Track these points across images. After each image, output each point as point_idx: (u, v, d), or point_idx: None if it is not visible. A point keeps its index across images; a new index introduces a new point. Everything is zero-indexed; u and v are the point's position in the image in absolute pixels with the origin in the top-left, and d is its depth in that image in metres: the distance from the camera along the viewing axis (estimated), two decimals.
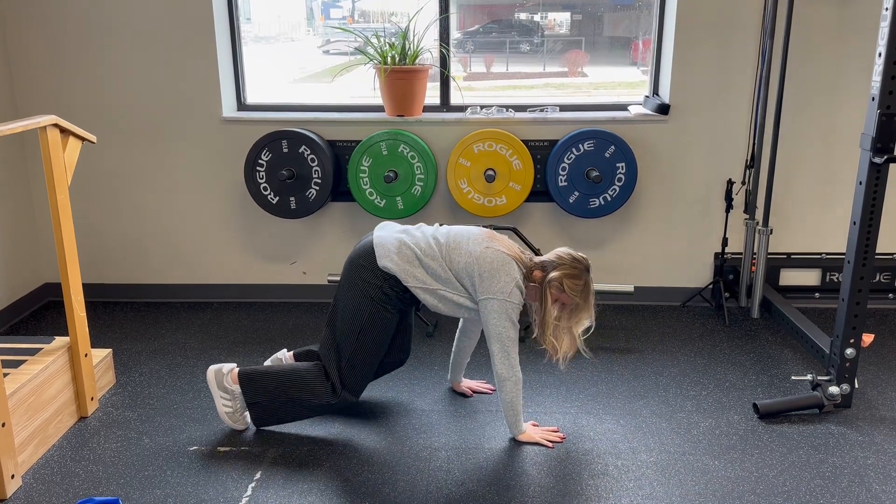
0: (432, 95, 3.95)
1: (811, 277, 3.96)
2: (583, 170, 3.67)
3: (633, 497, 2.39)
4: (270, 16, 4.53)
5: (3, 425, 2.35)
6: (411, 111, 3.79)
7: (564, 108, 3.88)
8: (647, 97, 3.91)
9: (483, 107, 3.87)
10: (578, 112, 3.86)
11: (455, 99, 3.97)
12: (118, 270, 4.08)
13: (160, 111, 3.85)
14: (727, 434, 2.75)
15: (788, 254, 3.93)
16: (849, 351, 2.80)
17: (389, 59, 3.71)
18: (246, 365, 3.25)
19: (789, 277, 3.96)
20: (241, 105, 4.00)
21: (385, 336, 2.69)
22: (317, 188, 3.71)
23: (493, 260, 2.57)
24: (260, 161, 3.70)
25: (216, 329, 3.73)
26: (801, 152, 3.78)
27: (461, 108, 3.92)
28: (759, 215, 3.75)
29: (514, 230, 3.58)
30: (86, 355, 2.86)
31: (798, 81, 3.67)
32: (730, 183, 3.69)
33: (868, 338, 2.93)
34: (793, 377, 3.09)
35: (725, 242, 3.77)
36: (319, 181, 3.70)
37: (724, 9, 3.60)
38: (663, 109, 3.73)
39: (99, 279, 4.06)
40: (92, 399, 2.91)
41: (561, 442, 2.69)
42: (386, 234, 2.69)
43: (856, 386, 2.89)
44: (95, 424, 2.84)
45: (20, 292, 3.91)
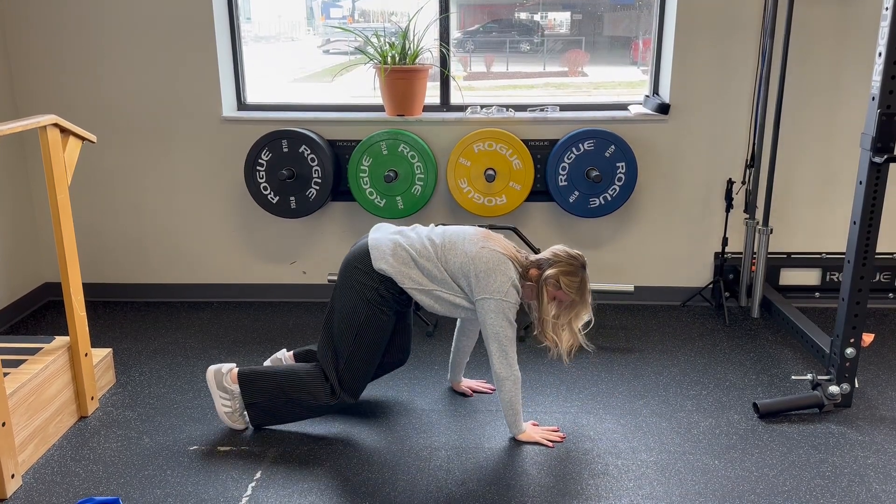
0: (432, 95, 3.95)
1: (811, 277, 3.96)
2: (583, 169, 3.67)
3: (634, 496, 2.39)
4: (270, 15, 4.53)
5: (4, 425, 2.35)
6: (411, 111, 3.79)
7: (564, 108, 3.88)
8: (648, 97, 3.91)
9: (483, 106, 3.87)
10: (578, 112, 3.85)
11: (455, 98, 3.97)
12: (118, 270, 4.08)
13: (160, 111, 3.85)
14: (727, 433, 2.75)
15: (788, 253, 3.93)
16: (849, 350, 2.80)
17: (389, 59, 3.71)
18: (246, 364, 3.26)
19: (789, 277, 3.96)
20: (242, 105, 4.00)
21: (382, 337, 2.69)
22: (317, 188, 3.71)
23: (489, 260, 2.57)
24: (260, 161, 3.70)
25: (216, 329, 3.73)
26: (802, 152, 3.78)
27: (461, 108, 3.92)
28: (760, 215, 3.74)
29: (514, 230, 3.58)
30: (86, 355, 2.87)
31: (798, 81, 3.67)
32: (730, 182, 3.69)
33: (868, 337, 2.93)
34: (793, 377, 3.09)
35: (725, 242, 3.77)
36: (319, 181, 3.70)
37: (725, 9, 3.60)
38: (663, 109, 3.73)
39: (99, 279, 4.06)
40: (92, 398, 2.91)
41: (561, 441, 2.70)
42: (381, 236, 2.69)
43: (856, 385, 2.89)
44: (95, 424, 2.84)
45: (20, 292, 3.91)
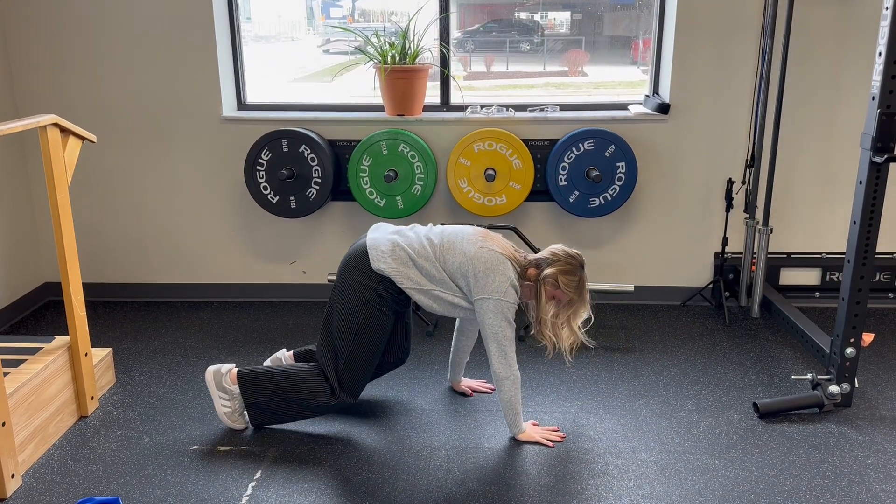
0: (432, 95, 3.95)
1: (811, 277, 3.96)
2: (583, 169, 3.67)
3: (634, 496, 2.39)
4: (270, 15, 4.53)
5: (3, 424, 2.35)
6: (411, 110, 3.79)
7: (564, 108, 3.88)
8: (648, 96, 3.91)
9: (483, 106, 3.87)
10: (578, 111, 3.85)
11: (455, 98, 3.97)
12: (118, 270, 4.08)
13: (160, 110, 3.85)
14: (727, 433, 2.75)
15: (788, 253, 3.93)
16: (849, 350, 2.80)
17: (389, 59, 3.71)
18: (245, 364, 3.26)
19: (789, 277, 3.96)
20: (242, 104, 4.00)
21: (381, 337, 2.69)
22: (317, 187, 3.71)
23: (488, 260, 2.57)
24: (260, 160, 3.70)
25: (216, 328, 3.73)
26: (802, 152, 3.78)
27: (461, 108, 3.92)
28: (760, 214, 3.74)
29: (514, 230, 3.58)
30: (86, 354, 2.86)
31: (798, 81, 3.67)
32: (730, 182, 3.69)
33: (868, 337, 2.93)
34: (793, 376, 3.09)
35: (725, 242, 3.77)
36: (319, 180, 3.70)
37: (725, 8, 3.60)
38: (663, 109, 3.73)
39: (99, 278, 4.06)
40: (92, 398, 2.91)
41: (561, 441, 2.69)
42: (379, 236, 2.69)
43: (856, 385, 2.89)
44: (95, 424, 2.84)
45: (20, 291, 3.91)
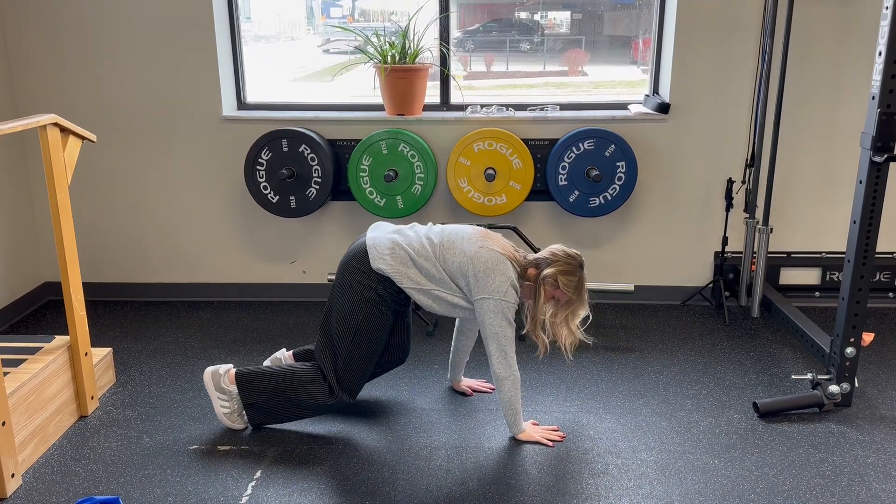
0: (432, 94, 3.95)
1: (811, 276, 3.96)
2: (583, 169, 3.67)
3: (634, 496, 2.39)
4: (270, 15, 4.53)
5: (3, 424, 2.35)
6: (411, 110, 3.79)
7: (564, 107, 3.88)
8: (648, 96, 3.91)
9: (483, 106, 3.87)
10: (578, 111, 3.85)
11: (455, 98, 3.97)
12: (118, 269, 4.08)
13: (160, 110, 3.85)
14: (727, 433, 2.75)
15: (788, 253, 3.93)
16: (849, 350, 2.80)
17: (389, 58, 3.71)
18: (245, 364, 3.26)
19: (789, 276, 3.96)
20: (242, 104, 4.00)
21: (380, 337, 2.69)
22: (317, 187, 3.71)
23: (488, 259, 2.57)
24: (260, 160, 3.70)
25: (216, 328, 3.73)
26: (802, 151, 3.78)
27: (461, 107, 3.92)
28: (760, 214, 3.74)
29: (514, 229, 3.58)
30: (86, 354, 2.86)
31: (798, 80, 3.67)
32: (730, 182, 3.69)
33: (868, 337, 2.93)
34: (793, 376, 3.09)
35: (725, 241, 3.77)
36: (319, 180, 3.70)
37: (725, 8, 3.60)
38: (663, 108, 3.73)
39: (99, 278, 4.06)
40: (92, 398, 2.91)
41: (561, 441, 2.69)
42: (379, 235, 2.68)
43: (856, 385, 2.89)
44: (95, 423, 2.84)
45: (20, 291, 3.91)
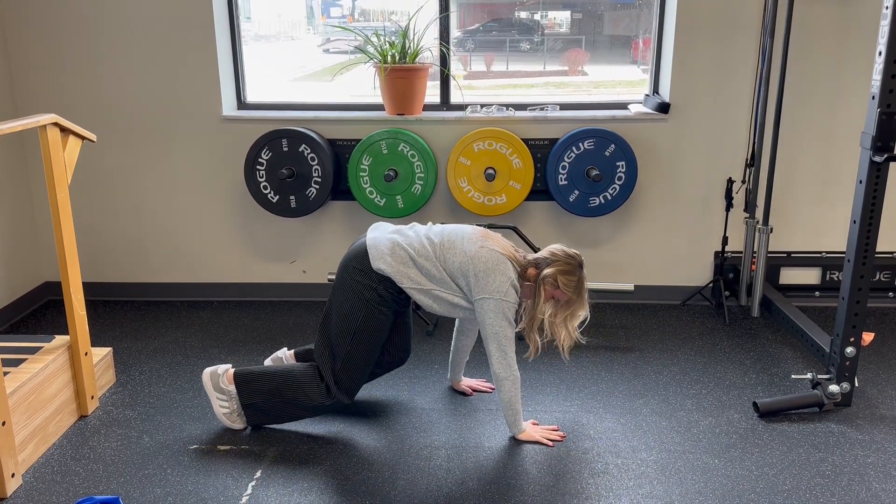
0: (432, 94, 3.95)
1: (811, 276, 3.96)
2: (583, 168, 3.67)
3: (634, 496, 2.39)
4: (270, 14, 4.53)
5: (4, 424, 2.35)
6: (411, 110, 3.79)
7: (564, 107, 3.88)
8: (648, 96, 3.91)
9: (483, 105, 3.87)
10: (578, 111, 3.85)
11: (455, 98, 3.97)
12: (118, 269, 4.08)
13: (160, 110, 3.85)
14: (727, 433, 2.75)
15: (788, 252, 3.93)
16: (849, 349, 2.80)
17: (389, 58, 3.71)
18: (245, 364, 3.26)
19: (789, 276, 3.96)
20: (242, 104, 4.00)
21: (380, 337, 2.69)
22: (317, 187, 3.71)
23: (488, 259, 2.57)
24: (260, 160, 3.70)
25: (216, 328, 3.73)
26: (802, 151, 3.78)
27: (461, 107, 3.92)
28: (760, 214, 3.74)
29: (514, 229, 3.58)
30: (86, 354, 2.87)
31: (798, 80, 3.67)
32: (730, 181, 3.69)
33: (868, 336, 2.93)
34: (793, 376, 3.09)
35: (725, 241, 3.77)
36: (319, 180, 3.70)
37: (725, 8, 3.60)
38: (663, 108, 3.73)
39: (99, 278, 4.06)
40: (92, 398, 2.91)
41: (561, 440, 2.69)
42: (379, 236, 2.68)
43: (856, 384, 2.89)
44: (95, 423, 2.84)
45: (20, 291, 3.91)
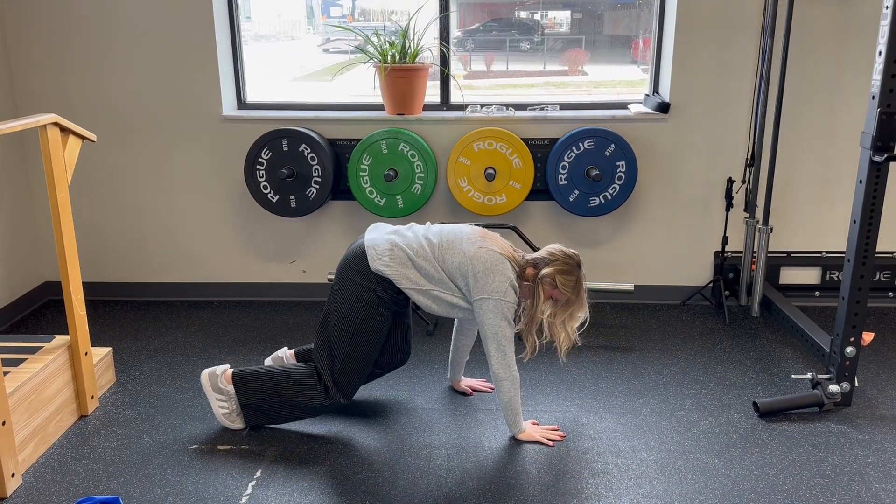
0: (432, 94, 3.95)
1: (811, 276, 3.96)
2: (583, 168, 3.67)
3: (634, 495, 2.39)
4: (270, 14, 4.53)
5: (4, 424, 2.35)
6: (411, 110, 3.79)
7: (564, 107, 3.88)
8: (648, 96, 3.91)
9: (483, 105, 3.87)
10: (578, 111, 3.85)
11: (455, 97, 3.97)
12: (118, 269, 4.08)
13: (160, 110, 3.85)
14: (727, 432, 2.75)
15: (788, 252, 3.93)
16: (849, 349, 2.80)
17: (389, 58, 3.71)
18: (244, 364, 3.26)
19: (789, 276, 3.96)
20: (242, 104, 4.00)
21: (378, 338, 2.68)
22: (317, 187, 3.71)
23: (487, 260, 2.57)
24: (260, 160, 3.70)
25: (216, 328, 3.73)
26: (802, 151, 3.78)
27: (461, 107, 3.92)
28: (760, 214, 3.74)
29: (514, 229, 3.58)
30: (86, 354, 2.87)
31: (798, 80, 3.67)
32: (730, 181, 3.69)
33: (868, 336, 2.93)
34: (793, 375, 3.09)
35: (725, 241, 3.77)
36: (319, 180, 3.70)
37: (725, 8, 3.60)
38: (663, 108, 3.73)
39: (99, 278, 4.06)
40: (92, 397, 2.91)
41: (561, 440, 2.69)
42: (377, 237, 2.67)
43: (856, 384, 2.89)
44: (95, 423, 2.84)
45: (20, 291, 3.91)
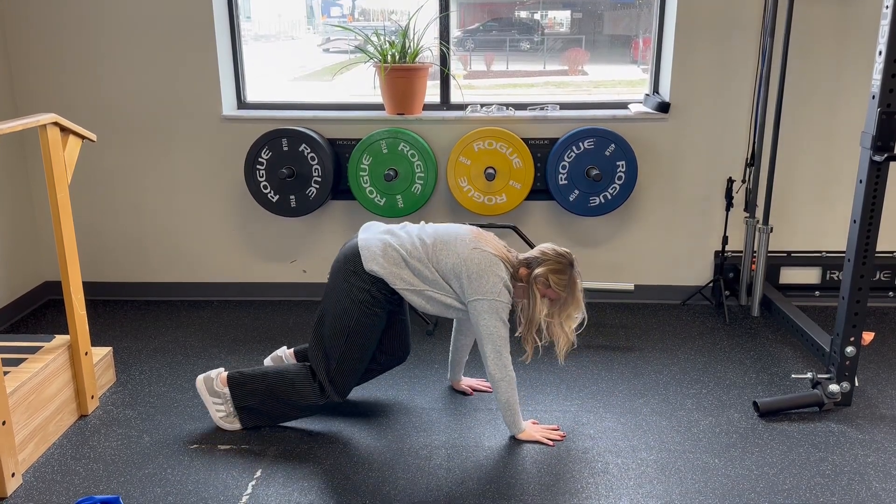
0: (432, 94, 3.95)
1: (811, 275, 3.96)
2: (583, 168, 3.67)
3: (634, 495, 2.39)
4: (270, 14, 4.53)
5: (4, 423, 2.35)
6: (411, 109, 3.79)
7: (564, 107, 3.88)
8: (648, 95, 3.91)
9: (483, 105, 3.87)
10: (578, 110, 3.85)
11: (455, 97, 3.97)
12: (118, 269, 4.08)
13: (160, 110, 3.85)
14: (727, 432, 2.75)
15: (788, 252, 3.92)
16: (849, 349, 2.80)
17: (389, 58, 3.71)
18: (243, 364, 3.26)
19: (789, 275, 3.96)
20: (242, 103, 4.00)
21: (373, 338, 2.69)
22: (317, 186, 3.71)
23: (481, 261, 2.57)
24: (260, 159, 3.70)
25: (216, 327, 3.73)
26: (802, 150, 3.78)
27: (461, 107, 3.92)
28: (760, 213, 3.74)
29: (514, 228, 3.58)
30: (86, 353, 2.87)
31: (798, 80, 3.66)
32: (730, 181, 3.69)
33: (868, 336, 2.93)
34: (793, 375, 3.09)
35: (725, 241, 3.77)
36: (319, 179, 3.70)
37: (725, 7, 3.60)
38: (663, 108, 3.73)
39: (99, 277, 4.06)
40: (92, 397, 2.91)
41: (561, 440, 2.70)
42: (370, 237, 2.67)
43: (856, 384, 2.89)
44: (96, 423, 2.84)
45: (20, 290, 3.91)
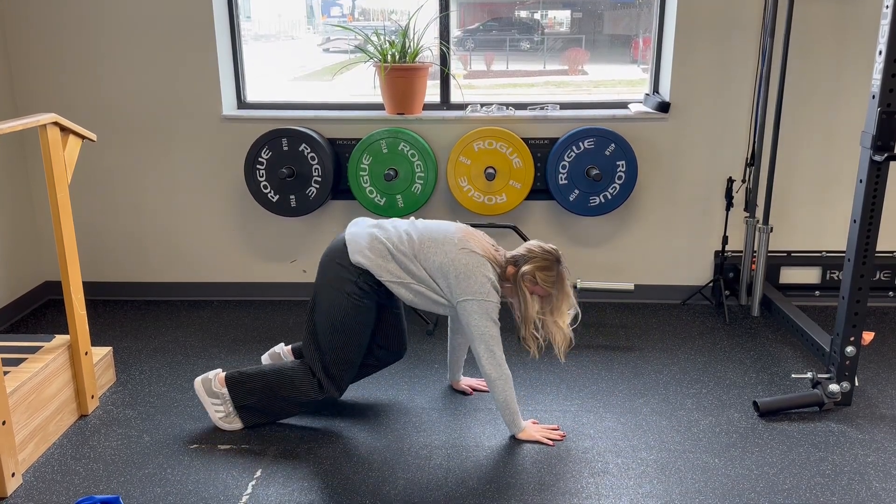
0: (432, 93, 3.95)
1: (811, 275, 3.96)
2: (583, 168, 3.67)
3: (634, 495, 2.39)
4: (270, 14, 4.53)
5: (4, 423, 2.35)
6: (411, 109, 3.79)
7: (565, 106, 3.87)
8: (648, 95, 3.91)
9: (483, 105, 3.87)
10: (579, 110, 3.85)
11: (455, 97, 3.97)
12: (118, 268, 4.08)
13: (160, 109, 3.84)
14: (727, 432, 2.75)
15: (789, 252, 3.92)
16: (849, 349, 2.80)
17: (389, 58, 3.71)
18: (243, 363, 3.26)
19: (789, 275, 3.96)
20: (242, 103, 4.00)
21: (365, 329, 2.69)
22: (317, 186, 3.71)
23: (468, 262, 2.57)
24: (260, 159, 3.70)
25: (216, 327, 3.73)
26: (802, 150, 3.78)
27: (461, 107, 3.92)
28: (760, 213, 3.74)
29: (514, 228, 3.58)
30: (86, 353, 2.87)
31: (798, 79, 3.66)
32: (730, 181, 3.69)
33: (868, 336, 2.93)
34: (793, 375, 3.09)
35: (726, 240, 3.77)
36: (319, 179, 3.70)
37: (725, 7, 3.60)
38: (663, 107, 3.73)
39: (99, 277, 4.06)
40: (92, 397, 2.91)
41: (561, 440, 2.70)
42: (358, 230, 2.69)
43: (856, 384, 2.89)
44: (96, 422, 2.84)
45: (20, 290, 3.91)
